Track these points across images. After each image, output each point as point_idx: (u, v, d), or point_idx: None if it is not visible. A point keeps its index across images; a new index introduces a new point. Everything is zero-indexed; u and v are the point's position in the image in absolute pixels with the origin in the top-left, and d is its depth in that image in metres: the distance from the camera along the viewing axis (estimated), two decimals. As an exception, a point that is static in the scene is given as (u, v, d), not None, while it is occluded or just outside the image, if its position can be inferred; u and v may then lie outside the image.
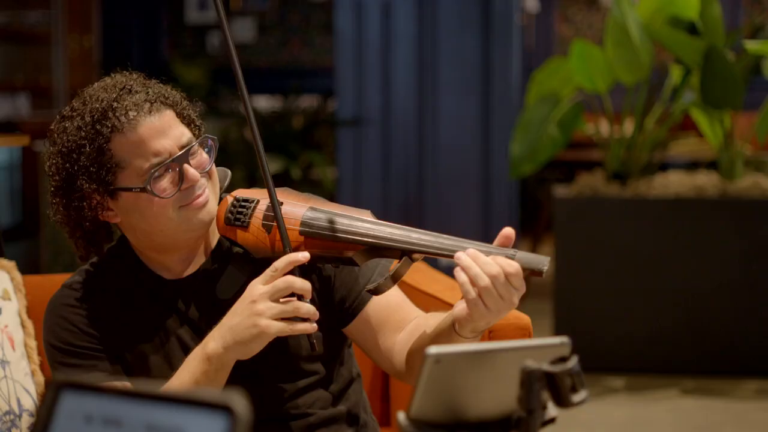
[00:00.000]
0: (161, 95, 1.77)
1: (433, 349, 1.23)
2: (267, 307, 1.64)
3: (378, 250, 1.70)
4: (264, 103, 7.47)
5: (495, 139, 5.72)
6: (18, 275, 2.27)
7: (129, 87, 1.75)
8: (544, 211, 6.95)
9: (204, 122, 1.86)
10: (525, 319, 2.03)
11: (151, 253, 1.83)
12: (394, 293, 1.86)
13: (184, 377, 1.72)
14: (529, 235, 7.32)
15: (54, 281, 1.96)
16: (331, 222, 1.72)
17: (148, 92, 1.75)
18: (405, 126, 5.82)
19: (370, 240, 1.69)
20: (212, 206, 1.78)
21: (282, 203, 1.75)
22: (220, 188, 1.83)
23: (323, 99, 7.19)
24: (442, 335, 1.68)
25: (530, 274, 1.59)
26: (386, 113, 5.83)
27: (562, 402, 1.24)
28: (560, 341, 1.28)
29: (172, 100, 1.78)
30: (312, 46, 9.79)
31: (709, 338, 4.82)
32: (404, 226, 1.70)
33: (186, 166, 1.74)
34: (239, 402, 0.90)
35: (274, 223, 1.73)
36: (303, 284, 1.66)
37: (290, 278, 1.65)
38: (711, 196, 4.83)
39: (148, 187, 1.72)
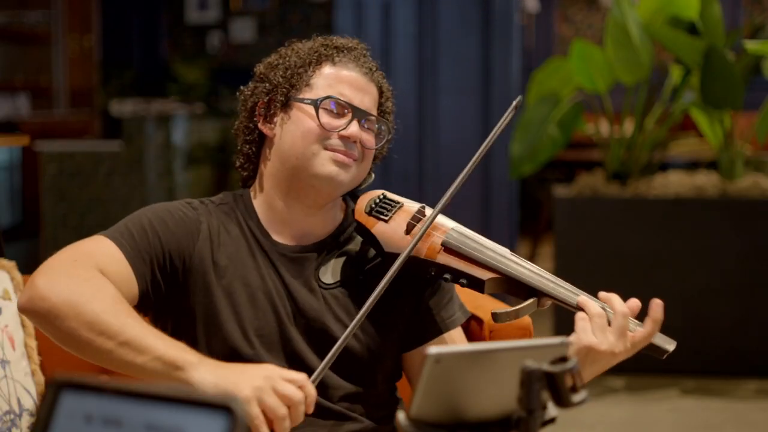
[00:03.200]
0: (381, 77, 1.90)
1: (434, 349, 1.23)
2: (267, 390, 1.53)
3: (512, 284, 1.72)
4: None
5: (495, 139, 5.71)
6: (18, 275, 2.27)
7: (363, 53, 1.89)
8: (544, 211, 6.95)
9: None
10: (525, 319, 2.02)
11: (275, 198, 1.83)
12: (462, 340, 1.87)
13: (143, 338, 1.58)
14: (529, 235, 7.31)
15: (54, 281, 1.95)
16: (476, 242, 1.76)
17: (372, 67, 1.88)
18: (405, 126, 5.80)
19: (509, 271, 1.72)
20: (346, 178, 1.80)
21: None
22: (359, 186, 1.88)
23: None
24: None
25: (652, 352, 1.64)
26: (386, 113, 5.82)
27: (562, 402, 1.24)
28: (560, 341, 1.28)
29: (384, 87, 1.91)
30: (312, 46, 9.78)
31: (709, 338, 4.81)
32: (542, 270, 1.74)
33: (356, 122, 1.81)
34: (239, 402, 0.90)
35: (417, 224, 1.77)
36: (300, 409, 1.55)
37: (299, 394, 1.54)
38: (711, 196, 4.83)
39: (318, 102, 1.80)
